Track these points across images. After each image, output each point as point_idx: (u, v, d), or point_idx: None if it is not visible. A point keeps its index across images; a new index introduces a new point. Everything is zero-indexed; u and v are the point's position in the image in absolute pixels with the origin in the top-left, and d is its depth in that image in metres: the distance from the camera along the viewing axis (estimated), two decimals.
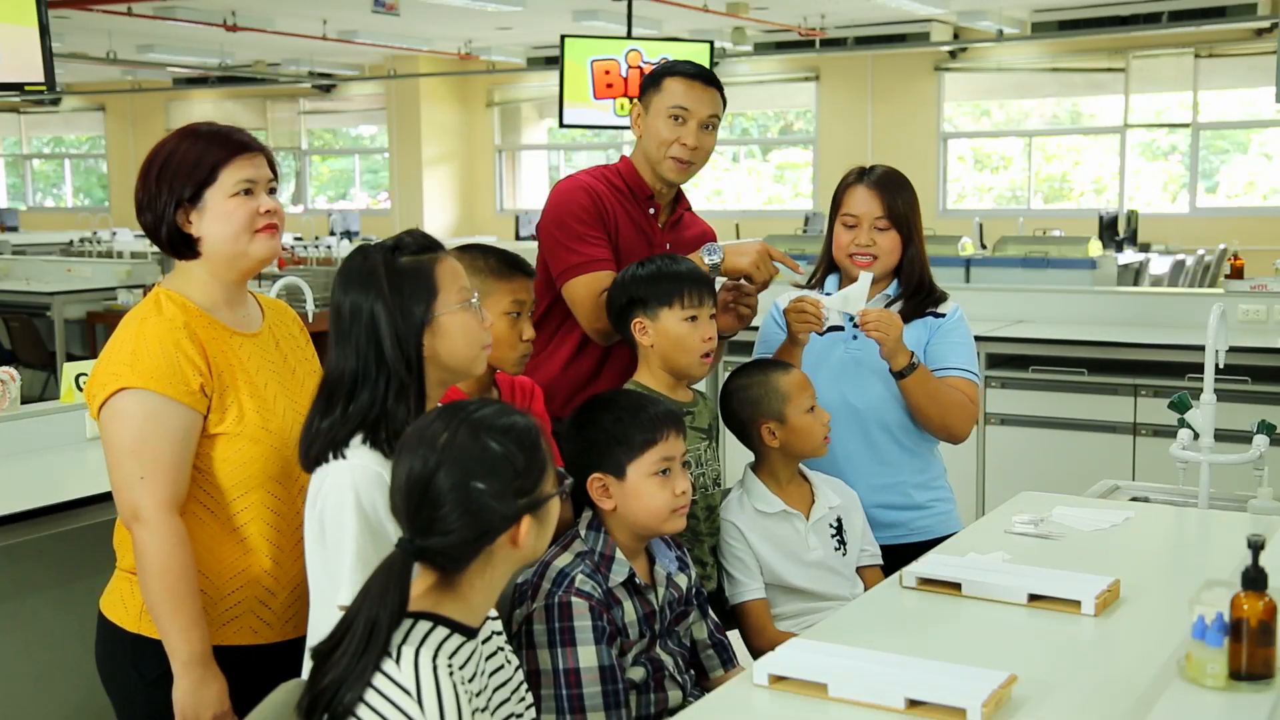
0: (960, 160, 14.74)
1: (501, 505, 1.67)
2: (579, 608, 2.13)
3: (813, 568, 2.66)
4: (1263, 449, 2.87)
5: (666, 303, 2.59)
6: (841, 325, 2.89)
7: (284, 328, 2.32)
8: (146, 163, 2.15)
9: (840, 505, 2.75)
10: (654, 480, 2.26)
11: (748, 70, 15.08)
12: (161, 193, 2.11)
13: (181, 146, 2.13)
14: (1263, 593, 1.77)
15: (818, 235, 10.26)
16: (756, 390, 2.71)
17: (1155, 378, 5.26)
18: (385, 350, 1.95)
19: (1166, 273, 9.71)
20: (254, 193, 2.14)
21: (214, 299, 2.18)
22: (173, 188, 2.11)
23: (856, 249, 2.88)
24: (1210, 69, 12.92)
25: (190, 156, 2.11)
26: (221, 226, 2.12)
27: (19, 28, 5.09)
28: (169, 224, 2.12)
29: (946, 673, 1.84)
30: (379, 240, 2.09)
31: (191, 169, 2.11)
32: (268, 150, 2.21)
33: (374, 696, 1.60)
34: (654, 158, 2.90)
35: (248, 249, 2.15)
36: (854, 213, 2.89)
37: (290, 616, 2.18)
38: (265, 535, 2.15)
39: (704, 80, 2.90)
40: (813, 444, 2.70)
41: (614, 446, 2.27)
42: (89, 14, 11.06)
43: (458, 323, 2.02)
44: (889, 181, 2.90)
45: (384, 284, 1.96)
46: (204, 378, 2.09)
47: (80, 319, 8.41)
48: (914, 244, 2.91)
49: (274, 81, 17.11)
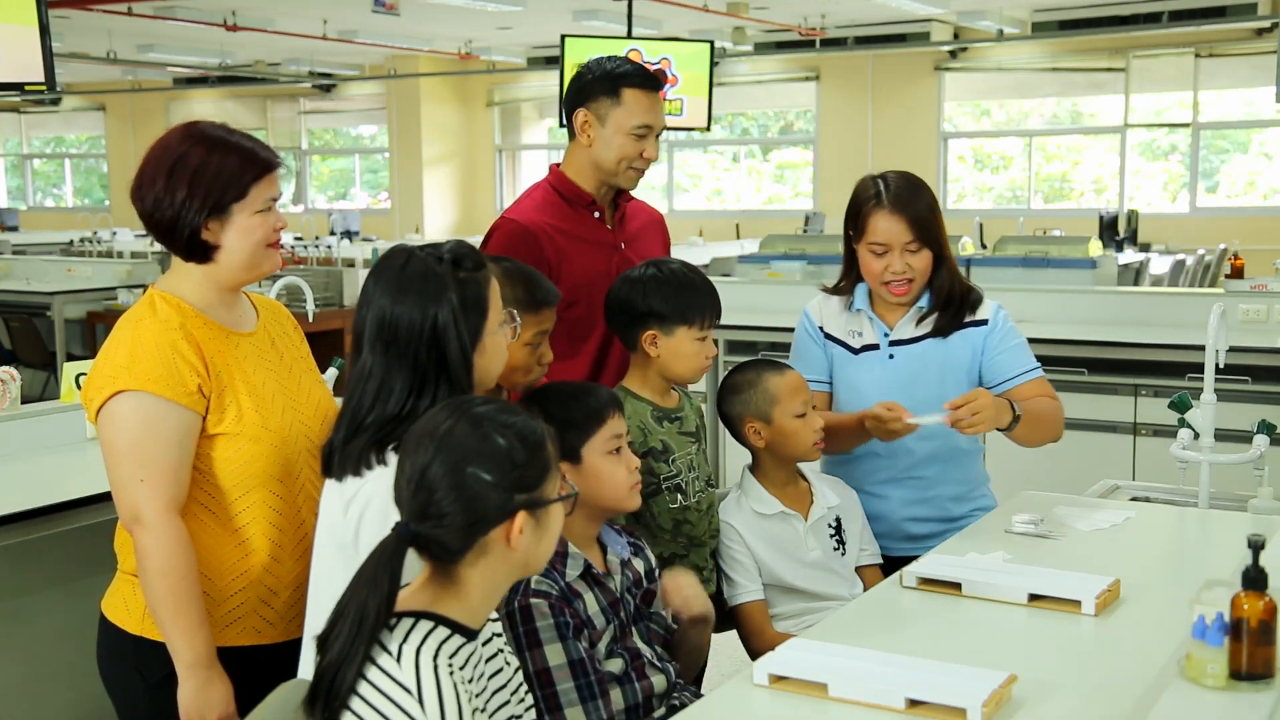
0: (960, 160, 14.74)
1: (497, 495, 1.67)
2: (538, 608, 2.12)
3: (811, 568, 2.66)
4: (1263, 449, 2.87)
5: (685, 321, 2.58)
6: (878, 344, 2.82)
7: (279, 326, 2.32)
8: (168, 161, 2.11)
9: (839, 505, 2.75)
10: (609, 459, 2.27)
11: (748, 70, 15.08)
12: (192, 199, 2.09)
13: (214, 157, 2.11)
14: (1263, 593, 1.77)
15: (818, 235, 10.27)
16: (747, 389, 2.70)
17: (1155, 378, 5.26)
18: (450, 359, 1.97)
19: (1166, 273, 9.70)
20: (272, 210, 2.17)
21: (209, 299, 2.18)
22: (205, 197, 2.09)
23: (892, 277, 2.74)
24: (1210, 69, 12.92)
25: (226, 169, 2.11)
26: (244, 241, 2.14)
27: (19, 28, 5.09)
28: (191, 229, 2.11)
29: (946, 673, 1.84)
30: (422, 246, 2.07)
31: (228, 183, 2.11)
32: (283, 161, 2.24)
33: (375, 695, 1.60)
34: (609, 169, 2.83)
35: (263, 263, 2.18)
36: (881, 241, 2.73)
37: (293, 616, 2.17)
38: (267, 534, 2.14)
39: (656, 87, 2.84)
40: (799, 449, 2.68)
41: (565, 431, 2.20)
42: (89, 14, 11.06)
43: (497, 343, 2.07)
44: (908, 196, 2.74)
45: (453, 295, 1.98)
46: (201, 378, 2.09)
47: (80, 319, 8.41)
48: (943, 254, 2.79)
49: (274, 81, 17.11)
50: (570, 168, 2.91)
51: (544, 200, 2.89)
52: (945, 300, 2.80)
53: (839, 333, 2.87)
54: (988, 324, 2.83)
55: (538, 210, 2.86)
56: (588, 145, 2.84)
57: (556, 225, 2.84)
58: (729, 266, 8.39)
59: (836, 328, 2.88)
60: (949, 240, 2.84)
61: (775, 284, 7.15)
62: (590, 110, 2.83)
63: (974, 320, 2.83)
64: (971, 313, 2.83)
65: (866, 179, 2.81)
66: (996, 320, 2.83)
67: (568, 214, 2.87)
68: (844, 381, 2.85)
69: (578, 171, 2.89)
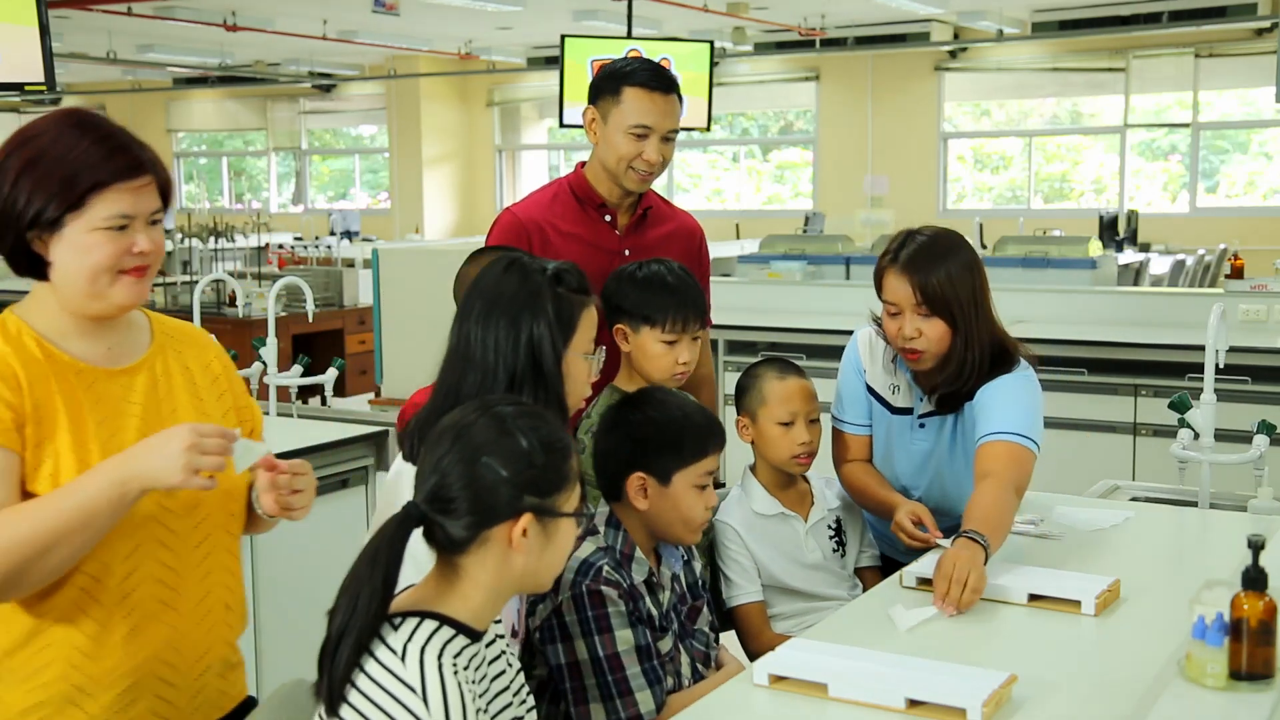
0: (960, 160, 14.73)
1: (507, 491, 1.66)
2: (610, 594, 2.14)
3: (810, 570, 2.65)
4: (1263, 449, 2.88)
5: (648, 321, 2.55)
6: (911, 408, 2.70)
7: (188, 363, 1.93)
8: (10, 143, 1.74)
9: (839, 507, 2.75)
10: (694, 491, 2.26)
11: (748, 70, 15.08)
12: (17, 194, 1.71)
13: (59, 145, 1.72)
14: (1263, 593, 1.77)
15: (817, 235, 10.26)
16: (747, 384, 2.69)
17: (1155, 378, 5.26)
18: (545, 368, 1.99)
19: (1166, 273, 9.71)
20: (129, 228, 1.74)
21: (61, 326, 1.79)
22: (31, 197, 1.70)
23: (904, 343, 2.58)
24: (1210, 69, 12.92)
25: (63, 166, 1.71)
26: (78, 262, 1.73)
27: (19, 28, 5.08)
28: (15, 235, 1.73)
29: (946, 673, 1.84)
30: (518, 258, 2.09)
31: (60, 186, 1.70)
32: (162, 172, 1.80)
33: (379, 693, 1.60)
34: (613, 170, 2.79)
35: (106, 292, 1.75)
36: (891, 300, 2.58)
37: (201, 704, 1.87)
38: (161, 598, 1.81)
39: (664, 88, 2.75)
40: (777, 457, 2.64)
41: (664, 451, 2.24)
42: (89, 14, 11.05)
43: (576, 370, 2.07)
44: (922, 259, 2.54)
45: (549, 308, 2.01)
46: (18, 415, 1.71)
47: None
48: (964, 328, 2.54)
49: (274, 81, 17.11)
50: (590, 167, 2.88)
51: (554, 197, 2.88)
52: (956, 374, 2.58)
53: (880, 386, 2.76)
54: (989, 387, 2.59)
55: (541, 206, 2.85)
56: (594, 143, 2.83)
57: (556, 223, 2.82)
58: (729, 267, 8.39)
59: (878, 381, 2.76)
60: (988, 307, 2.59)
61: (775, 284, 7.15)
62: (596, 108, 2.80)
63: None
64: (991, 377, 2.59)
65: (902, 232, 2.64)
66: (1003, 381, 2.59)
67: (575, 213, 2.85)
68: (879, 436, 2.77)
69: (594, 171, 2.86)
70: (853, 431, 2.79)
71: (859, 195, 14.07)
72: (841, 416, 2.80)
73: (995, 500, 2.38)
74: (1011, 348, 2.64)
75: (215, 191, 19.22)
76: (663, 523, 2.26)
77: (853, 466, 2.78)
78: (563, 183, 2.90)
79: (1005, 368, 2.60)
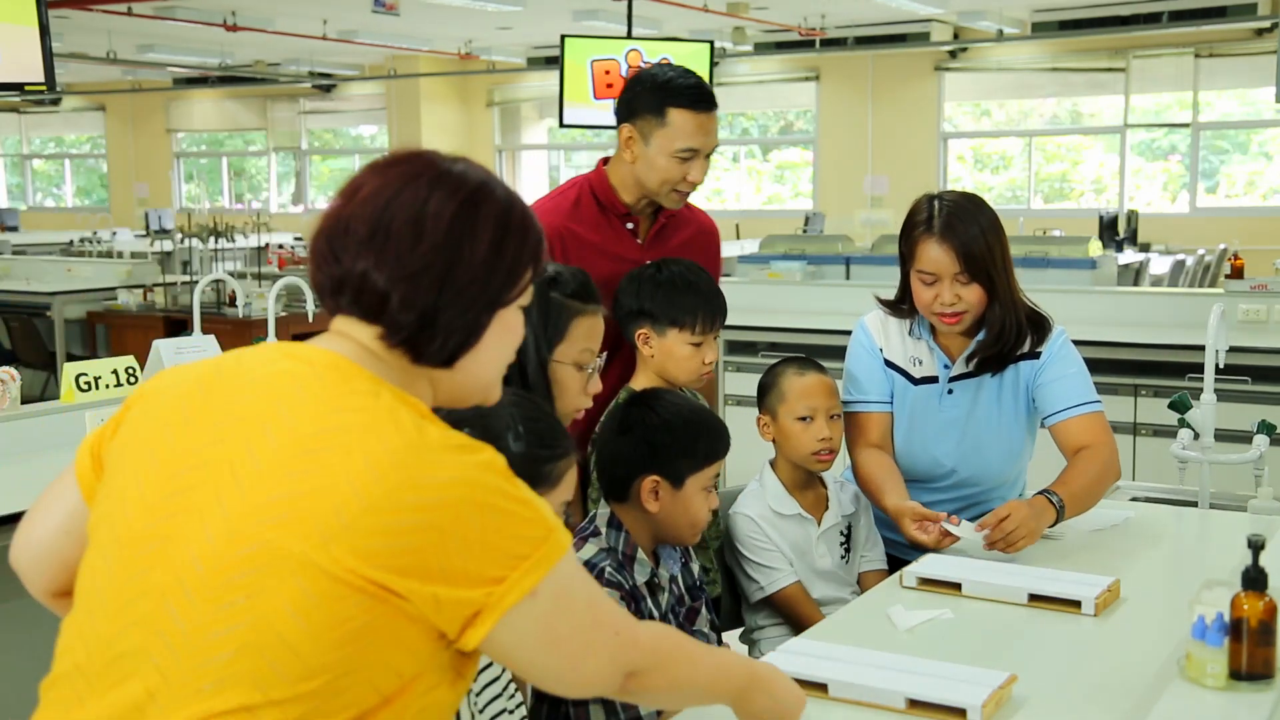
0: (960, 160, 14.73)
1: None
2: (611, 596, 2.13)
3: (819, 575, 2.64)
4: (1263, 449, 2.87)
5: (676, 324, 2.55)
6: (937, 376, 2.71)
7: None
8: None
9: (852, 514, 2.73)
10: (702, 494, 2.27)
11: (748, 70, 15.07)
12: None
13: None
14: (1263, 593, 1.77)
15: (817, 235, 10.26)
16: (769, 382, 2.68)
17: (1155, 378, 5.26)
18: (529, 372, 1.97)
19: (1166, 273, 9.71)
20: None
21: None
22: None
23: (941, 308, 2.60)
24: (1210, 69, 12.92)
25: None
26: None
27: (19, 28, 5.09)
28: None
29: (946, 673, 1.84)
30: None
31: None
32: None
33: None
34: (651, 189, 2.68)
35: None
36: (929, 270, 2.58)
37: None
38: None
39: (708, 106, 2.65)
40: (798, 454, 2.64)
41: (678, 455, 2.24)
42: (89, 14, 11.05)
43: (565, 378, 2.04)
44: (958, 224, 2.56)
45: (534, 311, 1.94)
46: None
47: (80, 319, 8.40)
48: (1000, 287, 2.61)
49: (274, 81, 17.10)
50: (615, 173, 2.75)
51: (574, 202, 2.76)
52: (997, 336, 2.64)
53: (900, 360, 2.74)
54: (1040, 357, 2.70)
55: (561, 212, 2.72)
56: (631, 162, 2.68)
57: (576, 230, 2.71)
58: (729, 266, 8.38)
59: (897, 354, 2.75)
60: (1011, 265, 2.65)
61: (775, 284, 7.15)
62: (635, 126, 2.65)
63: (1025, 354, 2.69)
64: (1032, 344, 2.69)
65: (922, 199, 2.65)
66: (1051, 350, 2.69)
67: (596, 221, 2.74)
68: (902, 411, 2.75)
69: (620, 180, 2.74)
70: (871, 410, 2.74)
71: (859, 195, 14.07)
72: (857, 396, 2.76)
73: (1089, 471, 2.59)
74: (1034, 305, 2.74)
75: (215, 191, 19.22)
76: (670, 525, 2.26)
77: (868, 455, 2.71)
78: (584, 186, 2.77)
79: (1044, 329, 2.71)
